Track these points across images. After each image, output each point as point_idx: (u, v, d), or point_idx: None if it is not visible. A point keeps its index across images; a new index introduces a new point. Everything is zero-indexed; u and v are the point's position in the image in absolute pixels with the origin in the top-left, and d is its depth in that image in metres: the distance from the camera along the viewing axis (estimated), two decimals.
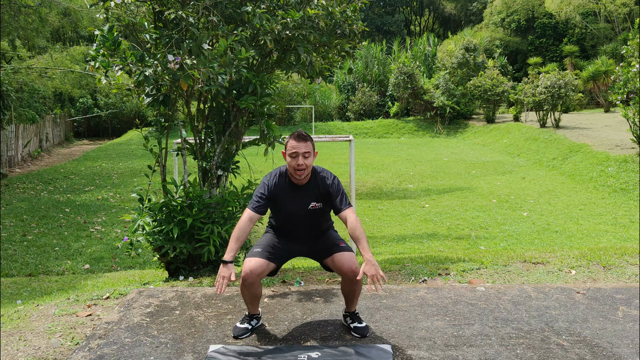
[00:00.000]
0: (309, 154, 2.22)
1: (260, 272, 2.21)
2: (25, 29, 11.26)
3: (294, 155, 2.20)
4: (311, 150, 2.23)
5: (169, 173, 7.10)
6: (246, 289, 2.23)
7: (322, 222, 2.35)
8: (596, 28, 21.12)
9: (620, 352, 2.12)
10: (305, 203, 2.26)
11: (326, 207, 2.30)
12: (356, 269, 2.19)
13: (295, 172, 2.22)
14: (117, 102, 19.97)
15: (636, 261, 3.34)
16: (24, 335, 2.40)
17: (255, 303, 2.32)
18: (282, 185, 2.28)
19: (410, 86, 18.56)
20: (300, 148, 2.20)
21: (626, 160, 9.33)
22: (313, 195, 2.27)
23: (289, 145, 2.23)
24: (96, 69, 3.01)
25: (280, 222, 2.35)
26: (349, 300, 2.32)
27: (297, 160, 2.20)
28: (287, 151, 2.24)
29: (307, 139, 2.22)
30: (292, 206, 2.27)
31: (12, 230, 6.82)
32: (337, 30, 3.44)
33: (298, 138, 2.22)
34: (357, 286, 2.25)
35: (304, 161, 2.20)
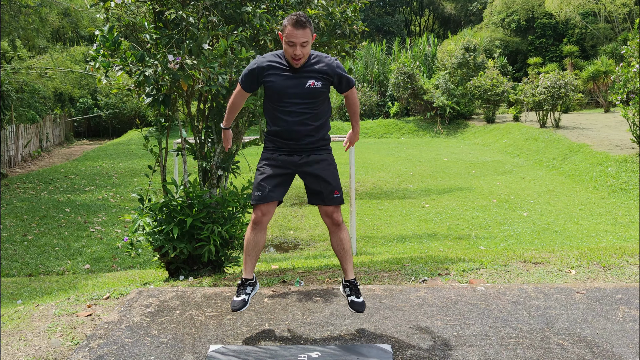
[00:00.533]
0: (307, 43, 2.09)
1: (271, 215, 2.26)
2: (25, 29, 11.26)
3: (291, 43, 2.09)
4: (309, 38, 2.10)
5: (169, 173, 7.12)
6: (254, 234, 2.23)
7: (320, 110, 2.22)
8: (596, 28, 21.13)
9: (620, 352, 2.12)
10: (303, 82, 2.15)
11: (325, 88, 2.19)
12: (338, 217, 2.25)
13: (292, 60, 2.14)
14: (118, 102, 19.98)
15: (636, 261, 3.34)
16: (24, 335, 2.40)
17: (255, 257, 2.28)
18: (278, 63, 2.17)
19: (410, 86, 18.57)
20: (299, 37, 2.07)
21: (626, 160, 9.34)
22: (311, 75, 2.16)
23: (286, 31, 2.09)
24: (96, 69, 3.01)
25: (275, 108, 2.20)
26: (342, 258, 2.29)
27: (295, 50, 2.09)
28: (284, 36, 2.11)
29: (305, 25, 2.08)
30: (288, 84, 2.15)
31: (13, 230, 6.83)
32: (337, 31, 3.44)
33: (296, 24, 2.07)
34: (343, 233, 2.26)
35: (301, 50, 2.09)
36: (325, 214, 2.28)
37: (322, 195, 2.25)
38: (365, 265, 3.48)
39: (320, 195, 2.26)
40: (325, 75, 2.18)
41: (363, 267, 3.43)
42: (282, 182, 2.26)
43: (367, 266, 3.45)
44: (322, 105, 2.24)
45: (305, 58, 2.16)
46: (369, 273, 3.25)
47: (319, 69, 2.18)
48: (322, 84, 2.17)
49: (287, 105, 2.18)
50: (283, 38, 2.14)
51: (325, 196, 2.25)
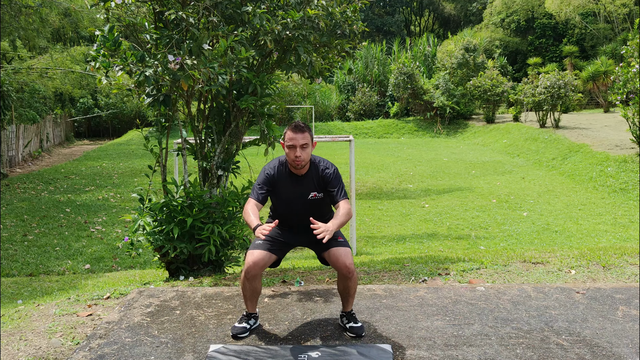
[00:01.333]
0: (307, 145, 2.22)
1: (262, 264, 2.23)
2: (25, 29, 11.27)
3: (292, 146, 2.21)
4: (309, 142, 2.23)
5: (169, 173, 7.12)
6: (248, 282, 2.24)
7: (323, 212, 2.36)
8: (596, 28, 21.14)
9: (620, 351, 2.12)
10: (305, 193, 2.27)
11: (326, 197, 2.31)
12: (350, 265, 2.21)
13: (294, 162, 2.23)
14: (118, 102, 19.98)
15: (635, 261, 3.35)
16: (24, 335, 2.40)
17: (254, 300, 2.33)
18: (282, 175, 2.29)
19: (410, 86, 18.57)
20: (298, 140, 2.20)
21: (626, 160, 9.34)
22: (313, 185, 2.28)
23: (286, 137, 2.24)
24: (97, 69, 3.01)
25: (281, 211, 2.36)
26: (345, 299, 2.33)
27: (295, 152, 2.21)
28: (285, 142, 2.24)
29: (304, 130, 2.22)
30: (292, 195, 2.28)
31: (13, 230, 6.83)
32: (337, 31, 3.44)
33: (295, 129, 2.22)
34: (352, 282, 2.26)
35: (301, 153, 2.21)
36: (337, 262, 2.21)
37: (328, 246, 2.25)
38: (365, 265, 3.48)
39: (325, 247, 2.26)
40: (325, 186, 2.29)
41: (363, 267, 3.44)
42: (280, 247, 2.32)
43: (367, 266, 3.45)
44: (324, 207, 2.36)
45: (306, 161, 2.25)
46: (369, 273, 3.25)
47: (320, 179, 2.28)
48: (323, 195, 2.31)
49: (292, 211, 2.33)
50: (284, 145, 2.25)
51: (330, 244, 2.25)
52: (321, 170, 2.29)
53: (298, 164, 2.23)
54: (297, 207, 2.30)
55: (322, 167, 2.30)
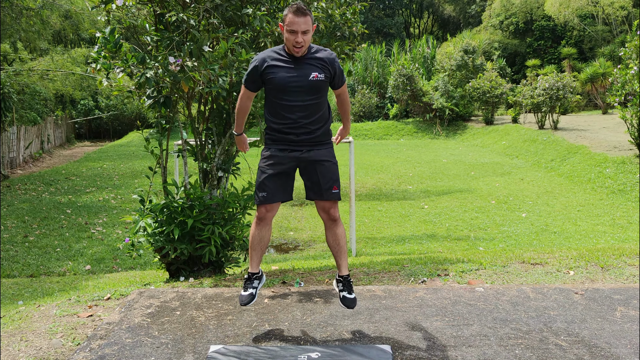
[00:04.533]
0: (308, 31, 2.11)
1: (273, 212, 2.27)
2: (26, 31, 11.30)
3: (292, 31, 2.09)
4: (310, 26, 2.11)
5: (169, 174, 7.13)
6: (258, 230, 2.24)
7: (322, 101, 2.23)
8: (594, 30, 21.20)
9: (619, 352, 2.13)
10: (306, 74, 2.14)
11: (326, 80, 2.19)
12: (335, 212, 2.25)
13: (294, 48, 2.13)
14: (118, 104, 20.01)
15: (634, 262, 3.36)
16: (25, 335, 2.41)
17: (261, 253, 2.29)
18: (279, 55, 2.17)
19: (409, 88, 18.61)
20: (300, 25, 2.08)
21: (624, 161, 9.36)
22: (314, 66, 2.16)
23: (287, 20, 2.10)
24: (97, 71, 3.03)
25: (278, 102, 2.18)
26: (337, 254, 2.29)
27: (296, 37, 2.09)
28: (285, 25, 2.12)
29: (306, 13, 2.10)
30: (290, 76, 2.14)
31: (14, 232, 6.83)
32: (337, 33, 3.47)
33: (297, 12, 2.08)
34: (339, 229, 2.26)
35: (302, 38, 2.10)
36: (322, 209, 2.27)
37: (321, 190, 2.24)
38: (365, 266, 3.49)
39: (318, 190, 2.24)
40: (327, 66, 2.19)
41: (362, 267, 3.45)
42: (285, 180, 2.26)
43: (366, 267, 3.46)
44: (323, 97, 2.24)
45: (306, 47, 2.16)
46: (368, 274, 3.26)
47: (321, 60, 2.18)
48: (324, 76, 2.18)
49: (290, 99, 2.17)
50: (284, 28, 2.15)
51: (323, 191, 2.24)
52: (321, 50, 2.18)
53: (298, 51, 2.12)
54: (296, 93, 2.15)
55: (320, 48, 2.20)
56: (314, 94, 2.18)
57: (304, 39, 2.11)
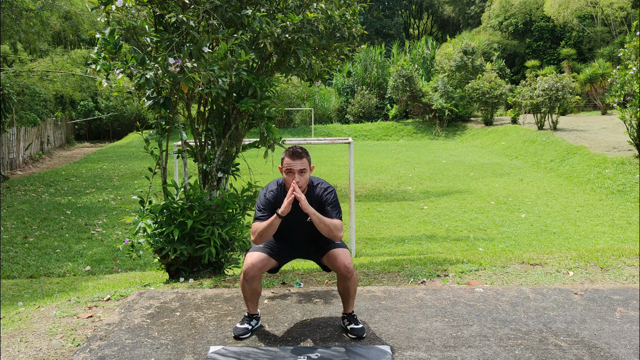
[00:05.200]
0: (305, 171, 2.23)
1: (261, 266, 2.24)
2: (26, 32, 11.32)
3: (290, 172, 2.22)
4: (307, 167, 2.24)
5: (169, 175, 7.12)
6: (247, 283, 2.25)
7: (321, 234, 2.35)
8: (593, 31, 21.24)
9: (618, 352, 2.13)
10: (304, 215, 2.25)
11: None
12: (349, 264, 2.23)
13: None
14: (118, 105, 20.02)
15: (633, 262, 3.36)
16: (25, 336, 2.41)
17: (255, 301, 2.34)
18: (281, 198, 2.29)
19: (409, 89, 18.63)
20: (296, 165, 2.21)
21: (623, 162, 9.37)
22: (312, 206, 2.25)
23: (284, 162, 2.24)
24: (97, 72, 3.03)
25: (280, 232, 2.34)
26: (345, 300, 2.34)
27: (292, 177, 2.22)
28: (282, 167, 2.26)
29: (302, 155, 2.23)
30: (291, 219, 2.27)
31: (14, 233, 6.83)
32: (337, 34, 3.47)
33: (293, 155, 2.22)
34: (351, 282, 2.27)
35: (299, 178, 2.21)
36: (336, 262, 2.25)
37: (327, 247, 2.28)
38: (365, 267, 3.49)
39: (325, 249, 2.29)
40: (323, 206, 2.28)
41: (362, 268, 3.45)
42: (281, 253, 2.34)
43: (366, 268, 3.46)
44: None
45: (304, 186, 2.25)
46: (368, 274, 3.26)
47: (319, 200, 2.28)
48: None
49: (289, 233, 2.34)
50: (282, 169, 2.25)
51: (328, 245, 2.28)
52: (319, 192, 2.29)
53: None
54: (297, 230, 2.32)
55: (320, 188, 2.30)
56: (312, 229, 2.29)
57: (301, 179, 2.22)
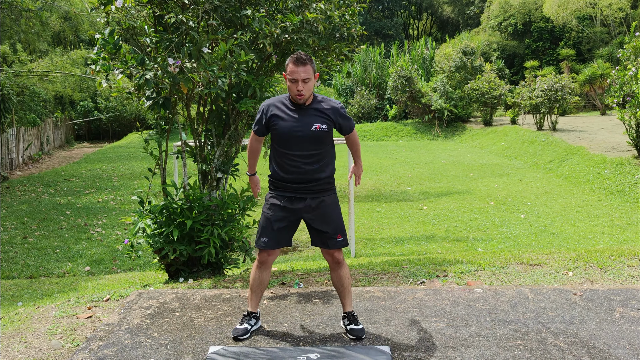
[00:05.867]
0: (309, 79, 2.16)
1: (274, 256, 2.33)
2: (26, 32, 11.31)
3: (293, 80, 2.16)
4: (311, 75, 2.16)
5: (169, 175, 7.10)
6: (259, 272, 2.29)
7: (326, 151, 2.27)
8: (592, 32, 21.28)
9: (617, 353, 2.14)
10: (308, 123, 2.19)
11: (329, 130, 2.24)
12: (339, 256, 2.29)
13: (296, 97, 2.19)
14: (118, 105, 20.01)
15: (632, 263, 3.37)
16: (24, 336, 2.41)
17: (259, 294, 2.35)
18: (283, 105, 2.23)
19: (408, 89, 18.64)
20: (300, 73, 2.14)
21: (622, 162, 9.38)
22: (317, 117, 2.21)
23: (288, 69, 2.17)
24: (97, 73, 3.04)
25: (281, 150, 2.23)
26: (341, 294, 2.34)
27: (297, 86, 2.15)
28: (287, 75, 2.18)
29: (306, 62, 2.15)
30: (293, 127, 2.19)
31: (13, 233, 6.83)
32: (336, 34, 3.47)
33: (297, 62, 2.14)
34: (343, 271, 2.29)
35: (303, 86, 2.15)
36: (326, 253, 2.33)
37: (325, 239, 2.29)
38: (364, 267, 3.50)
39: (323, 238, 2.29)
40: (329, 117, 2.24)
41: (362, 269, 3.45)
42: (288, 228, 2.31)
43: (365, 268, 3.46)
44: (326, 147, 2.29)
45: (308, 95, 2.21)
46: (367, 275, 3.27)
47: (324, 111, 2.24)
48: (327, 127, 2.24)
49: (293, 149, 2.22)
50: (286, 77, 2.21)
51: (328, 240, 2.28)
52: (325, 101, 2.24)
53: (300, 99, 2.18)
54: (298, 142, 2.20)
55: (325, 99, 2.26)
56: (316, 144, 2.23)
57: (305, 87, 2.17)
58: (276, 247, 2.29)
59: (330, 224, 2.28)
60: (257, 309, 2.39)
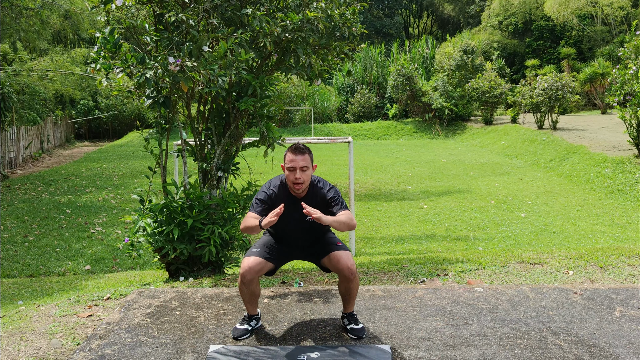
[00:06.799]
0: (307, 168, 2.22)
1: (258, 269, 2.23)
2: (26, 31, 11.30)
3: (292, 169, 2.22)
4: (309, 164, 2.23)
5: (169, 174, 7.12)
6: (245, 286, 2.25)
7: (321, 231, 2.35)
8: (593, 31, 21.24)
9: (618, 352, 2.14)
10: (304, 216, 2.23)
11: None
12: (352, 266, 2.22)
13: (294, 185, 2.23)
14: (118, 104, 20.02)
15: (632, 262, 3.37)
16: (25, 335, 2.41)
17: (254, 302, 2.34)
18: (282, 196, 2.28)
19: (408, 88, 18.63)
20: (298, 162, 2.20)
21: (623, 161, 9.38)
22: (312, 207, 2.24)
23: (286, 159, 2.24)
24: (97, 71, 3.03)
25: (279, 232, 2.35)
26: (346, 300, 2.34)
27: (295, 174, 2.21)
28: (285, 164, 2.25)
29: (304, 152, 2.23)
30: (291, 218, 2.26)
31: (14, 232, 6.83)
32: (336, 33, 3.47)
33: (295, 151, 2.22)
34: (353, 284, 2.27)
35: (301, 175, 2.21)
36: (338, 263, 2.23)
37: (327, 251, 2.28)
38: (364, 266, 3.50)
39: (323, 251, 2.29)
40: (323, 206, 2.28)
41: (362, 267, 3.45)
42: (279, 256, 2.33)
43: (366, 267, 3.46)
44: (323, 228, 2.33)
45: (306, 184, 2.24)
46: (368, 274, 3.27)
47: (318, 200, 2.27)
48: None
49: (289, 233, 2.32)
50: (284, 167, 2.25)
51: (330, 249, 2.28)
52: (319, 191, 2.28)
53: (298, 188, 2.22)
54: (296, 229, 2.30)
55: (319, 187, 2.29)
56: (312, 229, 2.30)
57: (303, 175, 2.20)
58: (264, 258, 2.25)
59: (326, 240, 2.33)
60: (257, 310, 2.40)
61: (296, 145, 2.25)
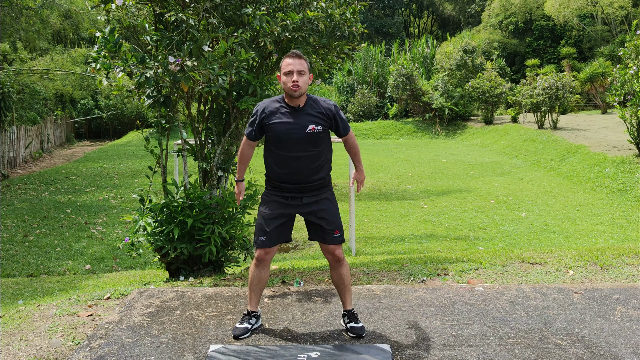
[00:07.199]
0: (304, 72, 2.18)
1: (272, 253, 2.33)
2: (26, 31, 11.30)
3: (289, 72, 2.17)
4: (306, 69, 2.19)
5: (169, 174, 7.12)
6: (257, 270, 2.30)
7: (321, 151, 2.26)
8: (593, 30, 21.22)
9: (618, 351, 2.14)
10: (303, 125, 2.19)
11: (324, 131, 2.24)
12: (339, 253, 2.29)
13: (291, 90, 2.18)
14: (118, 104, 20.02)
15: (633, 261, 3.37)
16: (25, 335, 2.42)
17: (259, 292, 2.35)
18: (277, 108, 2.23)
19: (409, 88, 18.62)
20: (295, 65, 2.17)
21: (623, 161, 9.37)
22: (312, 118, 2.21)
23: (283, 63, 2.20)
24: (97, 71, 3.03)
25: (277, 152, 2.23)
26: (342, 292, 2.34)
27: (292, 77, 2.16)
28: (282, 70, 2.20)
29: (301, 57, 2.21)
30: (288, 129, 2.19)
31: (14, 231, 6.84)
32: (337, 32, 3.47)
33: (293, 55, 2.20)
34: (344, 269, 2.30)
35: (298, 78, 2.16)
36: (326, 250, 2.32)
37: (323, 234, 2.29)
38: (365, 266, 3.50)
39: (321, 234, 2.30)
40: (324, 118, 2.24)
41: (362, 267, 3.45)
42: (285, 225, 2.32)
43: (366, 266, 3.46)
44: (322, 146, 2.28)
45: (304, 89, 2.20)
46: (368, 273, 3.27)
47: (319, 111, 2.24)
48: (322, 128, 2.23)
49: (289, 150, 2.22)
50: (280, 75, 2.22)
51: (326, 235, 2.29)
52: (323, 104, 2.24)
53: (295, 91, 2.15)
54: (295, 143, 2.19)
55: (322, 100, 2.26)
56: (312, 145, 2.22)
57: (300, 79, 2.17)
58: (273, 245, 2.29)
59: (327, 218, 2.29)
60: (257, 307, 2.40)
61: (293, 51, 2.22)
